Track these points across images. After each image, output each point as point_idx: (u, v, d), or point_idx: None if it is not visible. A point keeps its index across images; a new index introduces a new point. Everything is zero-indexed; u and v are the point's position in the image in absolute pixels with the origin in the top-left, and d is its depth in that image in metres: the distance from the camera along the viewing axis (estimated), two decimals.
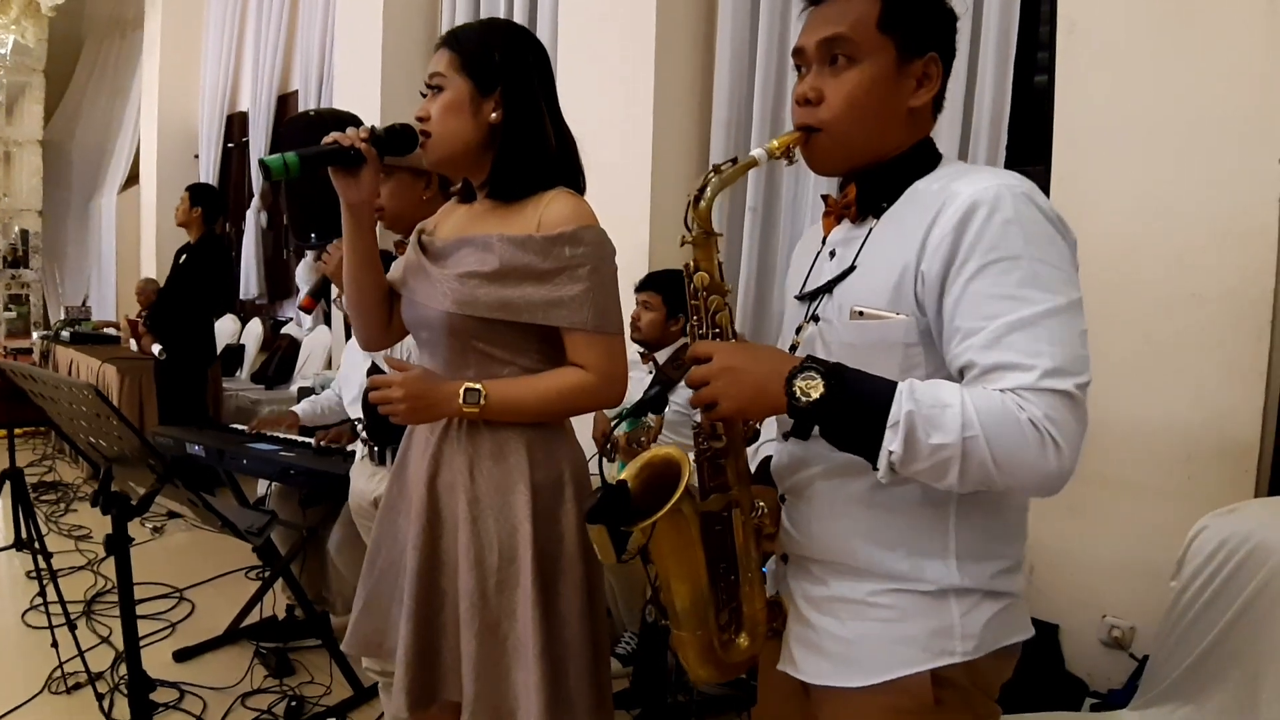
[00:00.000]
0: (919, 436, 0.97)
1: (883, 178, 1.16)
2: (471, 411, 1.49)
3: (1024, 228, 1.02)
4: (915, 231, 1.07)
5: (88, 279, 9.61)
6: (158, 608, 3.68)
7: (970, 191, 1.03)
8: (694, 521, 1.14)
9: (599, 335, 1.52)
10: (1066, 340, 0.99)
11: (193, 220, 4.88)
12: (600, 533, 1.09)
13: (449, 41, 1.58)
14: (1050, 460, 0.97)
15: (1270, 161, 2.12)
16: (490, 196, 1.59)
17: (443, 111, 1.54)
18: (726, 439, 1.15)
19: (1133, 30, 2.33)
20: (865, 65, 1.12)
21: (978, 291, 1.01)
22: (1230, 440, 2.17)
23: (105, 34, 9.65)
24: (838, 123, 1.13)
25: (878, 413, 0.99)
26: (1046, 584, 2.50)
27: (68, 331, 6.90)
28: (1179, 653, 1.78)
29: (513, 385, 1.52)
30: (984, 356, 1.00)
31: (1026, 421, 0.96)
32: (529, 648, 1.47)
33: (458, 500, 1.54)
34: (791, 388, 1.02)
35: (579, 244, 1.49)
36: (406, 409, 1.49)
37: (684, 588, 1.16)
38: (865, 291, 1.12)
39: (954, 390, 0.99)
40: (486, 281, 1.50)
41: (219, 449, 3.00)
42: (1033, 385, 0.97)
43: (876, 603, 1.14)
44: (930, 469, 0.99)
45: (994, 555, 1.14)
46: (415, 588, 1.54)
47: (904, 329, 1.08)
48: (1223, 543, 1.70)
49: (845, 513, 1.16)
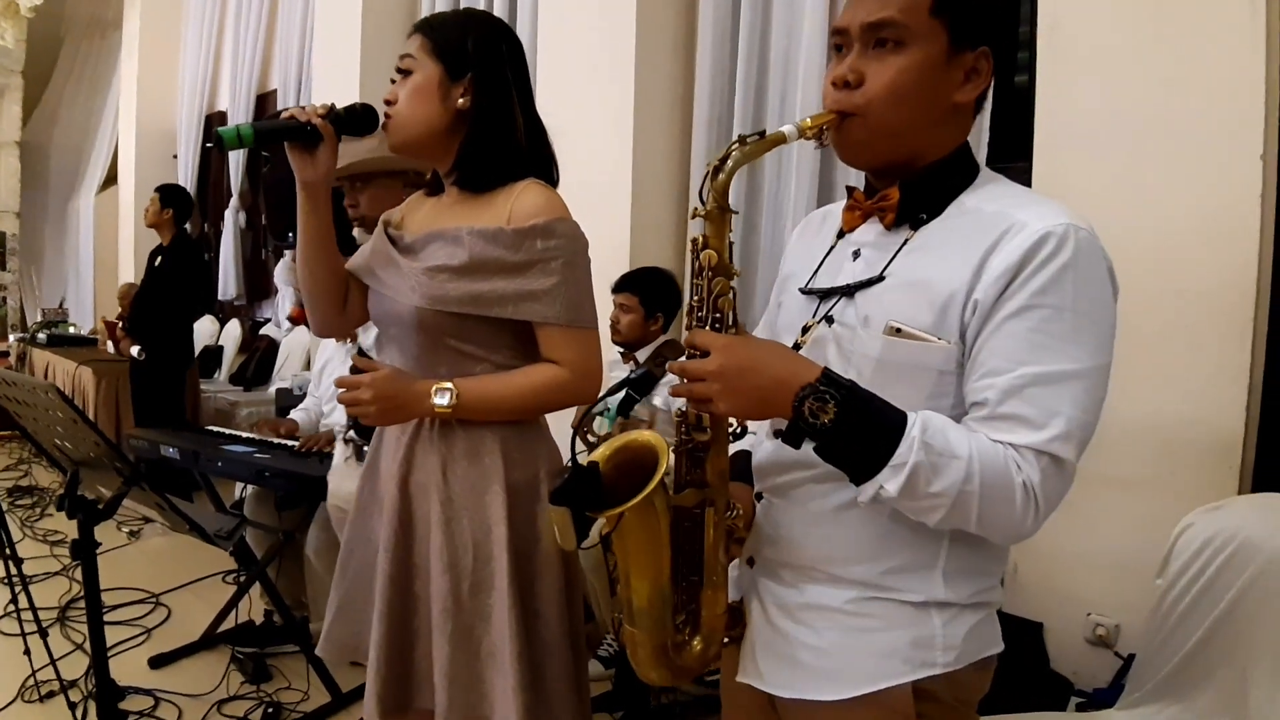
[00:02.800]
0: (919, 483, 0.95)
1: (927, 186, 1.09)
2: (444, 411, 1.46)
3: (1079, 276, 0.98)
4: (969, 255, 1.01)
5: (65, 281, 9.51)
6: (133, 613, 3.62)
7: (1040, 225, 0.98)
8: (664, 517, 1.09)
9: (572, 329, 1.49)
10: (1086, 406, 0.97)
11: (164, 222, 4.83)
12: (563, 515, 1.03)
13: (422, 26, 1.56)
14: (1028, 521, 0.97)
15: (1252, 158, 2.12)
16: (457, 185, 1.56)
17: (410, 94, 1.52)
18: (711, 433, 1.08)
19: (1114, 28, 2.32)
20: (913, 50, 1.04)
21: (1013, 332, 0.98)
22: (1214, 437, 2.16)
23: (84, 35, 9.55)
24: (876, 109, 1.05)
25: (884, 448, 0.96)
26: (1030, 581, 2.49)
27: (44, 334, 6.81)
28: (1165, 651, 1.77)
29: (486, 383, 1.49)
30: (1001, 401, 0.97)
31: (1021, 485, 0.95)
32: (505, 652, 1.44)
33: (430, 501, 1.50)
34: (801, 408, 0.97)
35: (551, 236, 1.46)
36: (376, 410, 1.45)
37: (644, 584, 1.11)
38: (902, 307, 1.05)
39: (964, 439, 0.96)
40: (456, 276, 1.47)
41: (194, 451, 2.96)
42: (1038, 446, 0.95)
43: (855, 611, 1.09)
44: (916, 508, 0.99)
45: (981, 573, 1.11)
46: (387, 592, 1.51)
47: (943, 356, 1.02)
48: (1208, 540, 1.69)
49: (835, 519, 1.10)
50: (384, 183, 2.21)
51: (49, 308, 8.15)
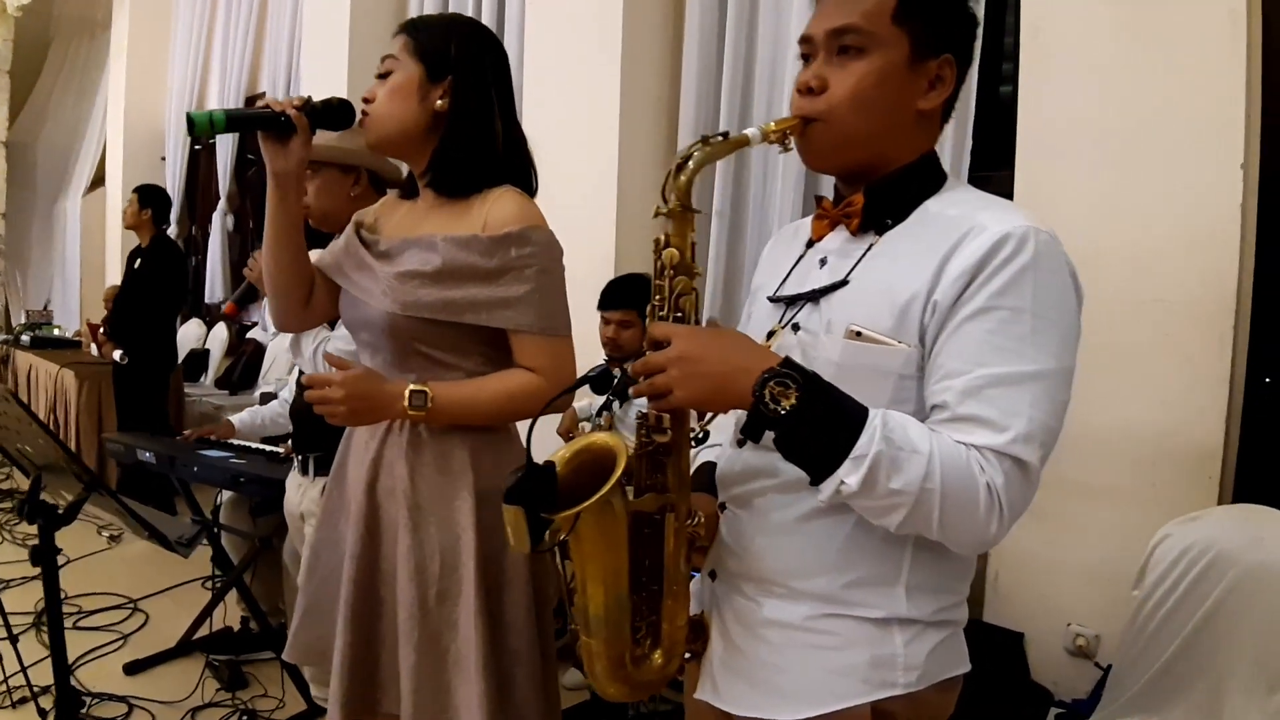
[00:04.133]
0: (879, 477, 0.93)
1: (891, 192, 1.09)
2: (417, 415, 1.43)
3: (1039, 278, 0.97)
4: (929, 258, 1.01)
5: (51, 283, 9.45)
6: (111, 619, 3.59)
7: (999, 228, 0.98)
8: (623, 520, 1.06)
9: (546, 337, 1.47)
10: (1047, 408, 0.96)
11: (142, 223, 4.78)
12: (516, 515, 1.00)
13: (407, 27, 1.56)
14: (991, 526, 0.95)
15: (1233, 168, 2.11)
16: (431, 187, 1.55)
17: (389, 91, 1.51)
18: (672, 434, 1.06)
19: (1096, 35, 2.32)
20: (876, 57, 1.05)
21: (971, 333, 0.97)
22: (1194, 446, 2.15)
23: (73, 35, 9.49)
24: (839, 114, 1.06)
25: (845, 439, 0.94)
26: (1010, 591, 2.48)
27: (28, 336, 6.76)
28: (1142, 663, 1.76)
29: (459, 388, 1.47)
30: (959, 403, 0.96)
31: (985, 486, 0.93)
32: (471, 660, 1.42)
33: (398, 507, 1.49)
34: (762, 392, 0.95)
35: (526, 244, 1.45)
36: (346, 410, 1.42)
37: (601, 592, 1.08)
38: (864, 311, 1.04)
39: (925, 435, 0.94)
40: (429, 282, 1.46)
41: (170, 456, 2.92)
42: (999, 448, 0.94)
43: (813, 628, 1.07)
44: (876, 508, 0.96)
45: (945, 589, 1.08)
46: (352, 596, 1.49)
47: (903, 359, 1.02)
48: (1184, 551, 1.68)
49: (796, 530, 1.08)
50: (333, 175, 2.18)
51: (33, 309, 8.09)
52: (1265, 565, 1.58)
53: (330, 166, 2.19)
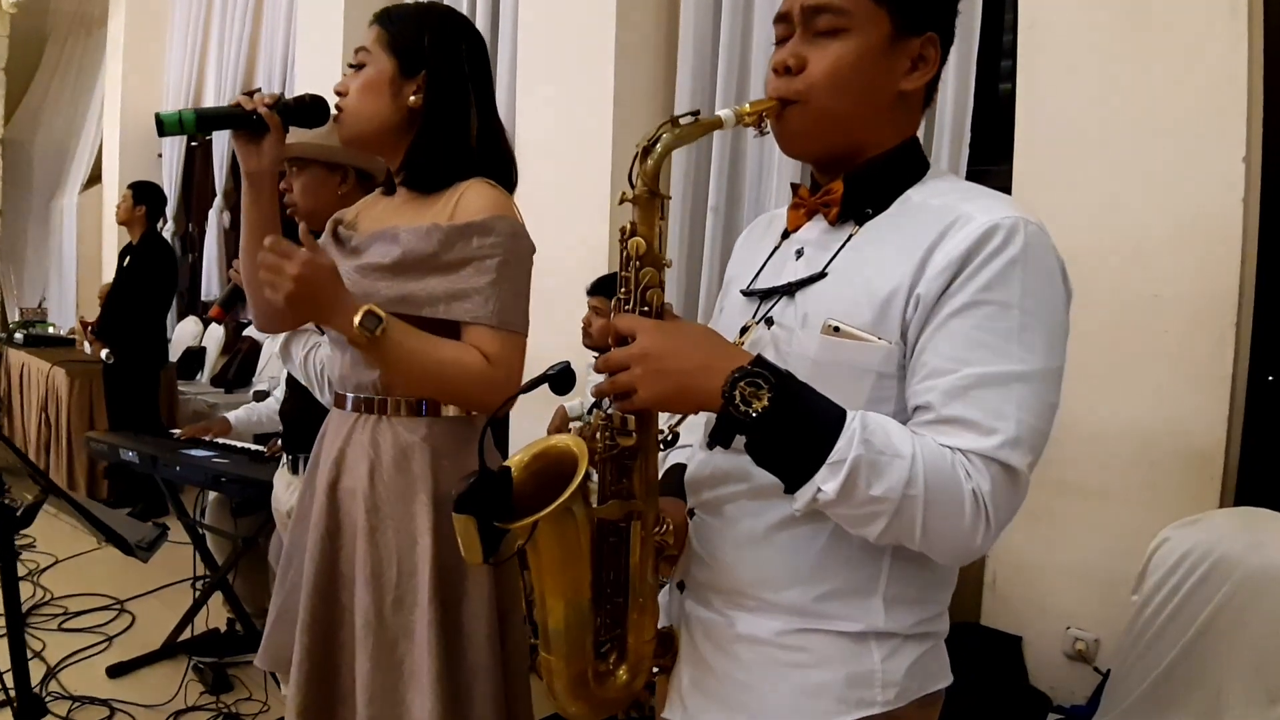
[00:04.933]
0: (859, 484, 0.86)
1: (872, 180, 1.03)
2: (359, 337, 1.30)
3: (1027, 272, 0.91)
4: (913, 250, 0.95)
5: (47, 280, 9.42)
6: (97, 620, 3.54)
7: (986, 218, 0.92)
8: (584, 530, 1.00)
9: (501, 332, 1.41)
10: (1035, 410, 0.90)
11: (135, 219, 4.75)
12: (467, 525, 0.93)
13: (380, 18, 1.51)
14: (977, 536, 0.88)
15: (1234, 161, 2.07)
16: (405, 185, 1.51)
17: (361, 87, 1.47)
18: (638, 437, 0.99)
19: (1094, 26, 2.27)
20: (855, 35, 0.99)
21: (957, 330, 0.91)
22: (1193, 446, 2.11)
23: (70, 31, 9.45)
24: (818, 95, 0.99)
25: (821, 443, 0.87)
26: (1009, 594, 2.43)
27: (22, 333, 6.71)
28: (1140, 670, 1.71)
29: (415, 336, 1.37)
30: (944, 404, 0.90)
31: (970, 493, 0.87)
32: (425, 672, 1.36)
33: (358, 508, 1.44)
34: (732, 393, 0.88)
35: (488, 234, 1.39)
36: (292, 289, 1.27)
37: (561, 605, 1.01)
38: (842, 305, 0.98)
39: (907, 439, 0.88)
40: (388, 274, 1.41)
41: (152, 456, 2.89)
42: (986, 452, 0.88)
43: (786, 644, 1.00)
44: (855, 517, 0.90)
45: (925, 600, 1.02)
46: (311, 602, 1.44)
47: (883, 356, 0.96)
48: (1184, 555, 1.63)
49: (768, 539, 1.02)
50: (318, 173, 2.14)
51: (28, 307, 8.05)
52: (1265, 570, 1.53)
53: (316, 164, 2.15)
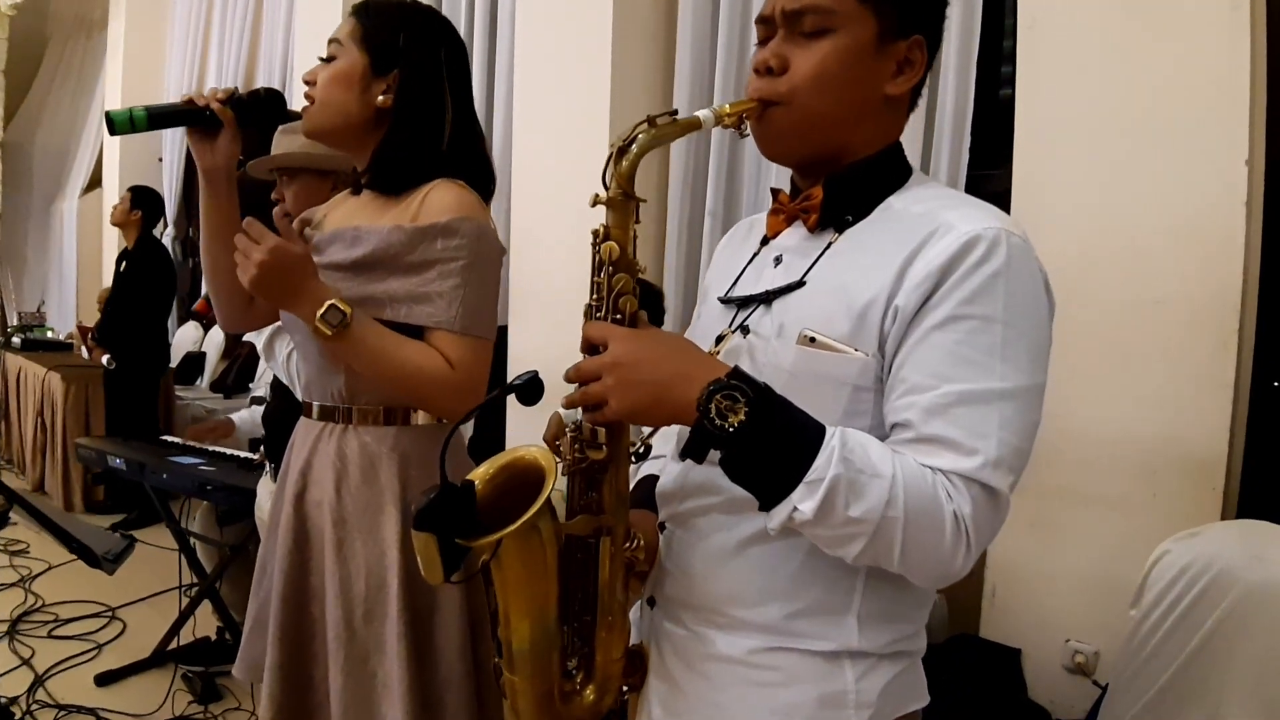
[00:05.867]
0: (838, 504, 0.83)
1: (853, 185, 1.00)
2: (323, 330, 1.29)
3: (1010, 286, 0.88)
4: (891, 259, 0.92)
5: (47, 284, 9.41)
6: (87, 627, 3.53)
7: (968, 228, 0.90)
8: (551, 546, 0.96)
9: (466, 337, 1.37)
10: (1017, 429, 0.87)
11: (131, 222, 4.74)
12: (427, 543, 0.89)
13: (358, 11, 1.48)
14: (957, 559, 0.86)
15: (1237, 163, 2.02)
16: (369, 186, 1.47)
17: (329, 79, 1.44)
18: (608, 450, 0.95)
19: (1094, 26, 2.23)
20: (840, 36, 0.96)
21: (938, 345, 0.88)
22: (1196, 455, 2.06)
23: (70, 34, 9.45)
24: (801, 97, 0.97)
25: (799, 460, 0.84)
26: (1008, 605, 2.38)
27: (19, 338, 6.69)
28: (1138, 686, 1.66)
29: (378, 333, 1.34)
30: (925, 422, 0.87)
31: (951, 515, 0.84)
32: (396, 685, 1.33)
33: (325, 520, 1.40)
34: (708, 406, 0.84)
35: (453, 236, 1.35)
36: (257, 273, 1.27)
37: (526, 625, 0.97)
38: (819, 315, 0.95)
39: (888, 458, 0.85)
40: (349, 275, 1.38)
41: (140, 463, 2.86)
42: (967, 473, 0.85)
43: (756, 663, 0.97)
44: (832, 537, 0.87)
45: (901, 618, 0.99)
46: (281, 615, 1.41)
47: (859, 369, 0.93)
48: (1184, 569, 1.58)
49: (740, 554, 0.99)
50: (310, 180, 2.11)
51: (26, 311, 8.04)
52: (1266, 584, 1.49)
53: (307, 171, 2.12)
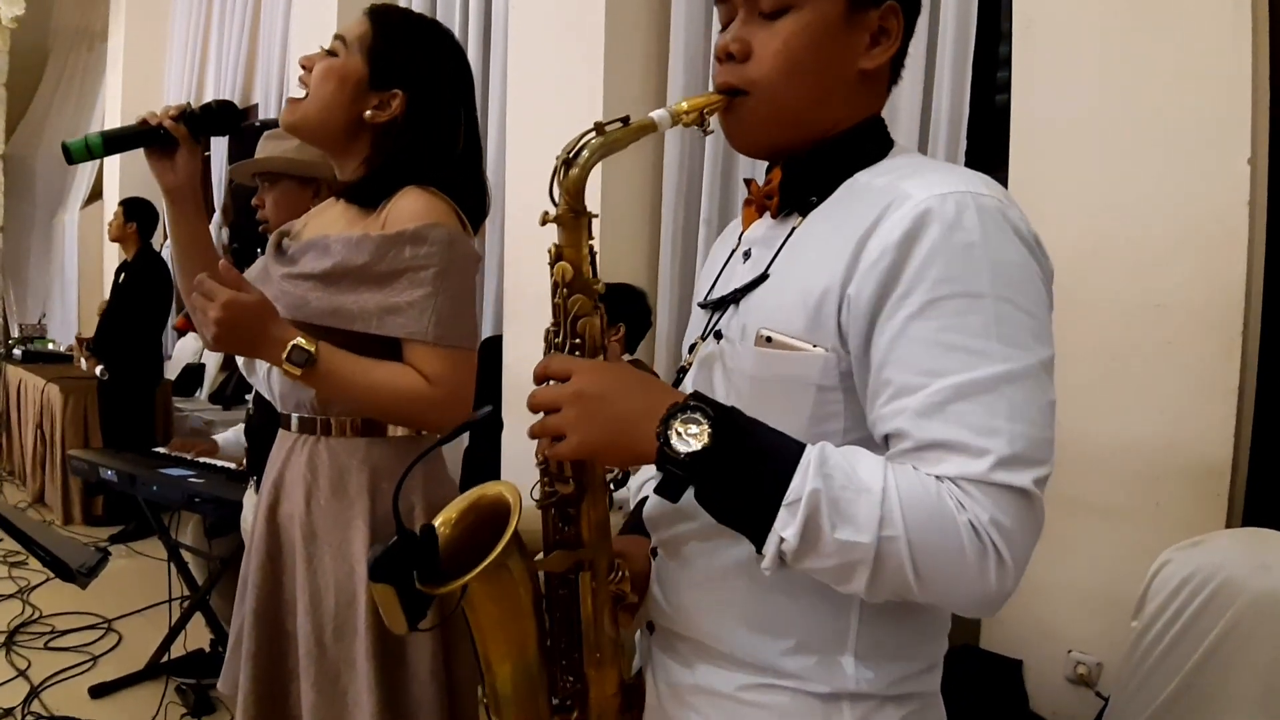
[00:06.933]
0: (822, 526, 0.74)
1: (814, 163, 0.91)
2: (291, 372, 1.28)
3: (992, 254, 0.78)
4: (847, 240, 0.82)
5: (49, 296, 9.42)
6: (83, 639, 3.52)
7: (924, 196, 0.79)
8: (525, 584, 0.91)
9: (442, 349, 1.33)
10: (1030, 416, 0.76)
11: (127, 235, 4.74)
12: (386, 594, 0.84)
13: (374, 15, 1.45)
14: (990, 578, 0.74)
15: (1239, 163, 1.98)
16: (346, 197, 1.44)
17: (325, 74, 1.40)
18: (576, 483, 0.89)
19: (1092, 26, 2.19)
20: (804, 12, 0.87)
21: (920, 336, 0.78)
22: (1200, 462, 2.01)
23: (71, 47, 9.48)
24: (769, 83, 0.89)
25: (774, 483, 0.75)
26: (1009, 615, 2.34)
27: (20, 349, 6.69)
28: (1141, 698, 1.62)
29: (347, 362, 1.32)
30: (921, 428, 0.77)
31: (966, 525, 0.73)
32: (365, 704, 1.30)
33: (296, 533, 1.38)
34: (667, 429, 0.76)
35: (422, 243, 1.32)
36: (217, 331, 1.26)
37: (507, 667, 0.92)
38: (780, 311, 0.87)
39: (876, 468, 0.76)
40: (320, 285, 1.34)
41: (131, 474, 2.84)
42: (980, 477, 0.74)
43: (747, 700, 0.89)
44: (832, 569, 0.76)
45: (906, 656, 0.89)
46: (255, 630, 1.39)
47: (820, 366, 0.84)
48: (1186, 579, 1.54)
49: (723, 583, 0.91)
50: (290, 187, 2.09)
51: (28, 323, 8.04)
52: (1271, 594, 1.45)
53: (287, 178, 2.09)
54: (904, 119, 2.74)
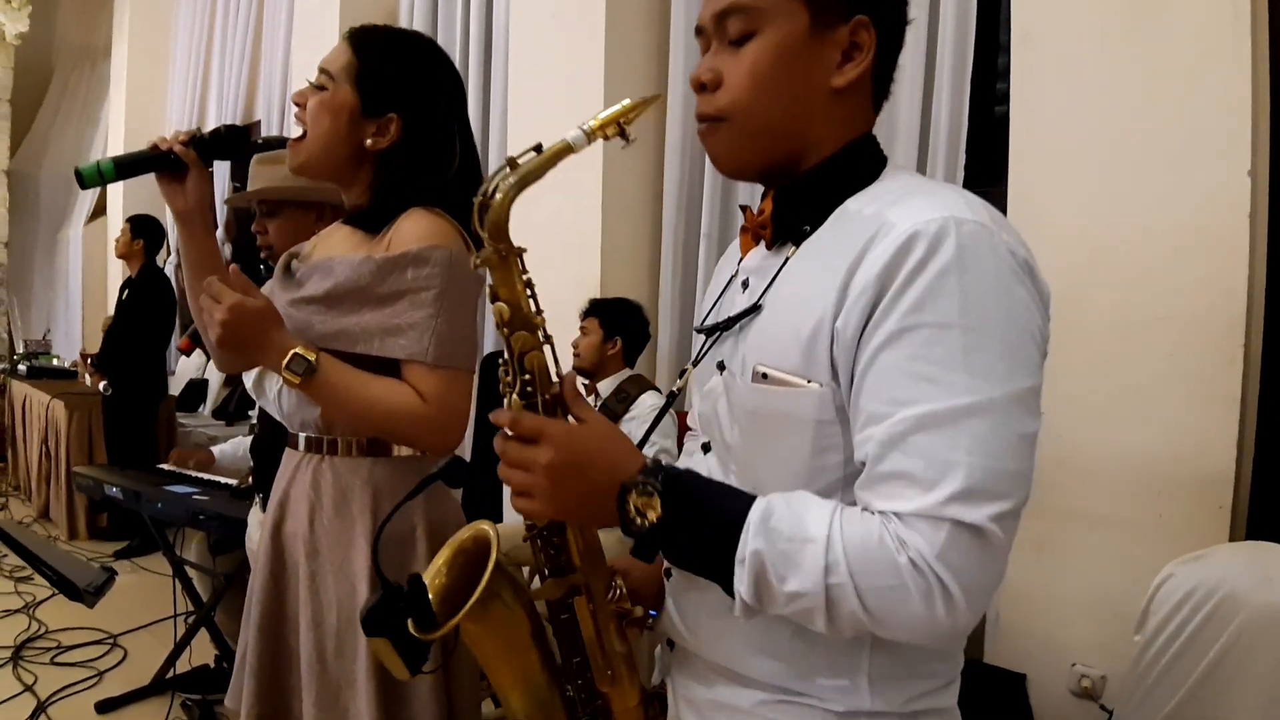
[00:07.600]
0: (770, 581, 0.78)
1: (805, 191, 0.91)
2: (291, 380, 1.30)
3: (965, 281, 0.77)
4: (836, 273, 0.83)
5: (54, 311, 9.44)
6: (89, 654, 3.53)
7: (909, 224, 0.79)
8: (520, 614, 0.93)
9: (439, 370, 1.34)
10: (995, 449, 0.75)
11: (134, 252, 4.77)
12: (383, 646, 0.87)
13: (355, 41, 1.45)
14: (939, 614, 0.74)
15: (1240, 174, 1.98)
16: (352, 223, 1.45)
17: (319, 111, 1.41)
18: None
19: (1090, 38, 2.20)
20: (767, 35, 0.88)
21: (888, 365, 0.78)
22: (1203, 474, 2.01)
23: (75, 64, 9.53)
24: (740, 108, 0.89)
25: (724, 544, 0.80)
26: (1013, 630, 2.34)
27: (25, 365, 6.72)
28: (1144, 712, 1.62)
29: (348, 375, 1.33)
30: (880, 458, 0.78)
31: (906, 565, 0.74)
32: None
33: (299, 551, 1.39)
34: (624, 505, 0.82)
35: (424, 265, 1.33)
36: (221, 332, 1.29)
37: (517, 694, 0.94)
38: (772, 345, 0.88)
39: (823, 516, 0.78)
40: (323, 308, 1.35)
41: (135, 491, 2.84)
42: (928, 512, 0.74)
43: (766, 716, 0.91)
44: (792, 614, 0.80)
45: (921, 675, 0.90)
46: (259, 647, 1.40)
47: (817, 402, 0.84)
48: (1189, 593, 1.53)
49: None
50: (294, 214, 2.08)
51: (33, 339, 8.06)
52: (1274, 607, 1.44)
53: (291, 204, 2.09)
54: (903, 132, 2.75)
